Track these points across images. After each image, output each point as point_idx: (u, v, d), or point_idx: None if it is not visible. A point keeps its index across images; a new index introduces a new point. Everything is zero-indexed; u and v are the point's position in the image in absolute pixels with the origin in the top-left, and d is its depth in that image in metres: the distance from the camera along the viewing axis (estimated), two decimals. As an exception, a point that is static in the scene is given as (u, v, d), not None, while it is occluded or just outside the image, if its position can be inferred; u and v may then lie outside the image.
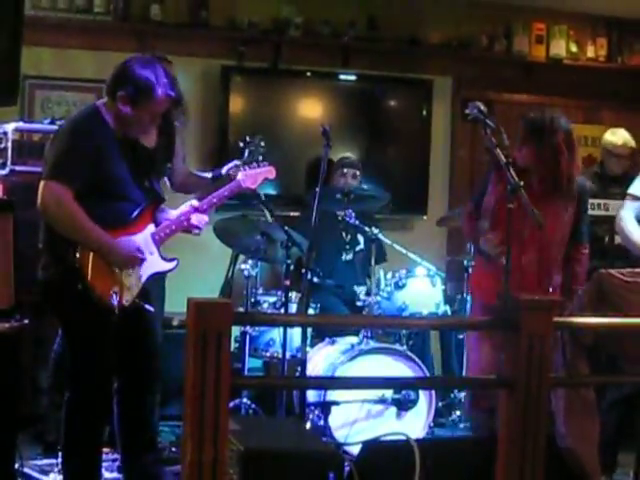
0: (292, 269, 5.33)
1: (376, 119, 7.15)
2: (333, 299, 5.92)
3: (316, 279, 5.54)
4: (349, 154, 6.56)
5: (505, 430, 2.76)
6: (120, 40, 6.42)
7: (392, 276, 5.89)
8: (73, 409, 4.07)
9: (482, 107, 4.41)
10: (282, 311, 5.30)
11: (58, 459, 4.36)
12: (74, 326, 4.09)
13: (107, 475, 4.47)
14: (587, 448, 3.97)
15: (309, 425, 5.08)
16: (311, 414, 5.17)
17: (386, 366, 5.29)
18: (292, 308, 5.36)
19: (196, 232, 4.41)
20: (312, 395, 5.22)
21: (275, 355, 5.51)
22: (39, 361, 5.02)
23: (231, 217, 5.64)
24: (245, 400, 5.41)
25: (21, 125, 5.45)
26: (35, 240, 4.14)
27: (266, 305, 5.62)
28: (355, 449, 4.61)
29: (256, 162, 4.74)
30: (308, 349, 4.99)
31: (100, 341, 4.03)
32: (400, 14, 7.07)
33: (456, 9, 7.15)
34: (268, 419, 5.20)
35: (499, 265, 4.38)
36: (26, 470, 4.49)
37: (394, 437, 3.84)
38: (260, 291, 5.72)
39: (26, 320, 4.19)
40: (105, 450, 4.37)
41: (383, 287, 5.82)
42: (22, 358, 4.37)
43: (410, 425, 5.21)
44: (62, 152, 3.98)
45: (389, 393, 5.21)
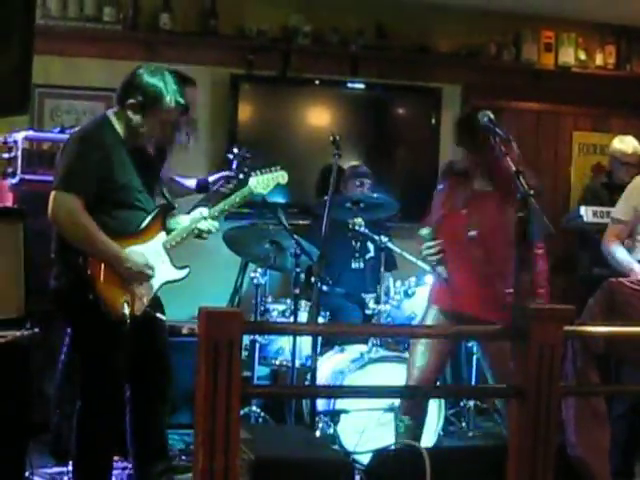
0: (302, 277, 5.34)
1: (385, 127, 7.16)
2: (343, 302, 5.93)
3: (325, 287, 5.54)
4: (358, 162, 6.55)
5: (515, 439, 2.76)
6: (129, 49, 6.45)
7: (401, 284, 5.88)
8: (84, 418, 4.07)
9: (491, 115, 4.40)
10: (291, 319, 5.31)
11: (68, 467, 4.37)
12: (85, 335, 4.09)
13: (117, 483, 4.48)
14: (597, 457, 3.96)
15: (318, 433, 5.08)
16: (320, 422, 5.17)
17: (395, 374, 5.28)
18: (301, 316, 5.37)
19: (205, 236, 4.42)
20: (321, 403, 5.21)
21: (284, 363, 5.52)
22: (47, 370, 5.02)
23: (241, 225, 5.64)
24: (254, 408, 5.41)
25: (31, 134, 5.46)
26: (45, 249, 4.15)
27: (275, 313, 5.63)
28: (364, 458, 4.60)
29: (267, 168, 4.73)
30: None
31: (111, 350, 4.03)
32: (409, 22, 7.08)
33: (465, 17, 7.15)
34: (278, 427, 5.21)
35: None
36: (36, 478, 4.47)
37: (404, 445, 3.84)
38: (269, 299, 5.72)
39: (37, 329, 4.21)
40: (115, 458, 4.37)
41: (392, 295, 5.81)
42: (32, 367, 4.38)
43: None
44: (72, 162, 3.99)
45: (398, 401, 5.19)
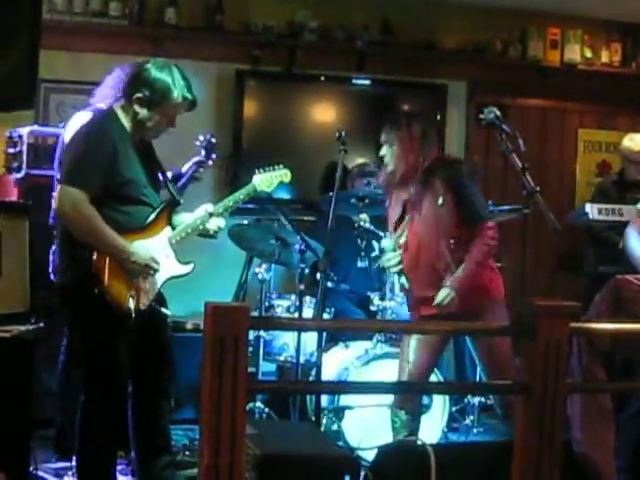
0: (306, 273, 5.33)
1: (390, 124, 7.13)
2: (347, 303, 5.92)
3: (330, 284, 5.53)
4: (365, 160, 6.52)
5: (521, 436, 2.75)
6: (135, 44, 6.45)
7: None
8: (88, 413, 4.06)
9: (497, 112, 4.39)
10: (296, 315, 5.30)
11: (72, 462, 4.37)
12: (90, 330, 4.07)
13: (121, 479, 4.46)
14: (603, 454, 3.95)
15: (323, 429, 5.07)
16: (325, 418, 5.17)
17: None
18: (306, 312, 5.36)
19: (215, 235, 4.41)
20: (325, 399, 5.21)
21: (289, 359, 5.51)
22: (52, 365, 5.02)
23: (246, 221, 5.64)
24: (258, 404, 5.41)
25: (36, 129, 5.47)
26: (50, 243, 4.15)
27: (280, 309, 5.62)
28: (368, 454, 4.60)
29: (270, 166, 4.73)
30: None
31: (116, 345, 4.03)
32: (415, 19, 7.07)
33: (471, 14, 7.15)
34: (283, 423, 5.20)
35: None
36: (40, 473, 4.48)
37: (409, 441, 3.84)
38: (274, 295, 5.72)
39: (41, 324, 4.21)
40: (119, 454, 4.36)
41: (397, 292, 5.80)
42: (36, 361, 4.38)
43: (424, 430, 5.18)
44: (78, 156, 3.98)
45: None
